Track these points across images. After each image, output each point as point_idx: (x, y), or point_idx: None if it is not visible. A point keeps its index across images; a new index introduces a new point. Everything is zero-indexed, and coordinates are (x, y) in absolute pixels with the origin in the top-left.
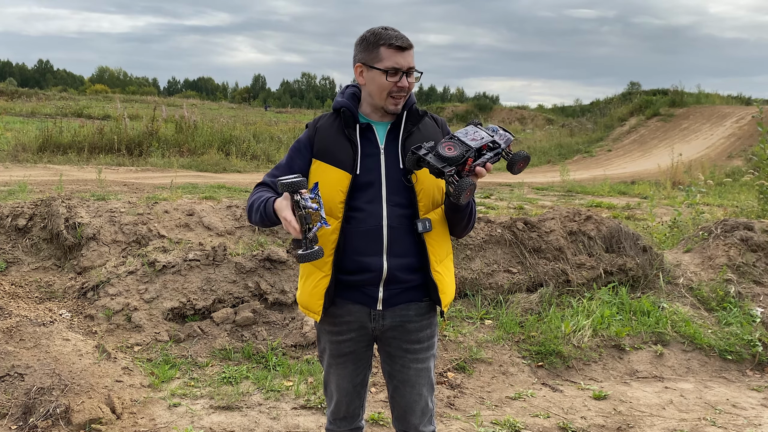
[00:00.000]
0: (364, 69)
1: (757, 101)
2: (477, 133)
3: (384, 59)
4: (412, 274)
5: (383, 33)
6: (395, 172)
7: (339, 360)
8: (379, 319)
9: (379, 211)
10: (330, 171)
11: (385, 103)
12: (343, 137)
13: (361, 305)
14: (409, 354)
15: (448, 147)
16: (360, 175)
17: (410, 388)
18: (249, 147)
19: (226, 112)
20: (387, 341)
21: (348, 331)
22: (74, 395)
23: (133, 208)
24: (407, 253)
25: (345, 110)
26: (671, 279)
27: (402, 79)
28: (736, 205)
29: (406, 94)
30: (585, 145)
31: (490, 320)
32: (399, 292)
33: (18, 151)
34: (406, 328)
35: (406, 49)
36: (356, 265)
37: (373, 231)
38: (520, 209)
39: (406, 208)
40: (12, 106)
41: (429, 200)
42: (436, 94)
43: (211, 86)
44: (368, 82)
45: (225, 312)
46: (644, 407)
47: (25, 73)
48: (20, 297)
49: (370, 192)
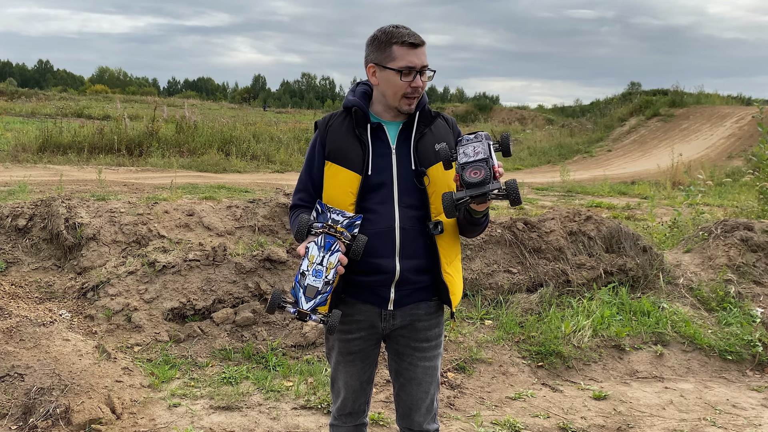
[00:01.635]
0: (377, 69)
1: (757, 101)
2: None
3: (397, 58)
4: (423, 275)
5: (395, 31)
6: (407, 173)
7: (348, 358)
8: (390, 319)
9: (392, 213)
10: (341, 173)
11: (400, 104)
12: (353, 137)
13: (371, 305)
14: (417, 352)
15: (474, 172)
16: (371, 176)
17: (417, 386)
18: (249, 147)
19: (227, 113)
20: (396, 339)
21: (358, 330)
22: (74, 395)
23: (133, 208)
24: (418, 255)
25: (356, 110)
26: (671, 279)
27: (416, 79)
28: (736, 206)
29: (420, 93)
30: (585, 145)
31: (490, 320)
32: (410, 293)
33: (18, 152)
34: (415, 326)
35: (419, 46)
36: (368, 267)
37: (385, 233)
38: (520, 209)
39: (418, 210)
40: (12, 106)
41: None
42: (436, 94)
43: (211, 86)
44: (382, 83)
45: (225, 312)
46: (644, 407)
47: (25, 73)
48: (20, 297)
49: (382, 193)
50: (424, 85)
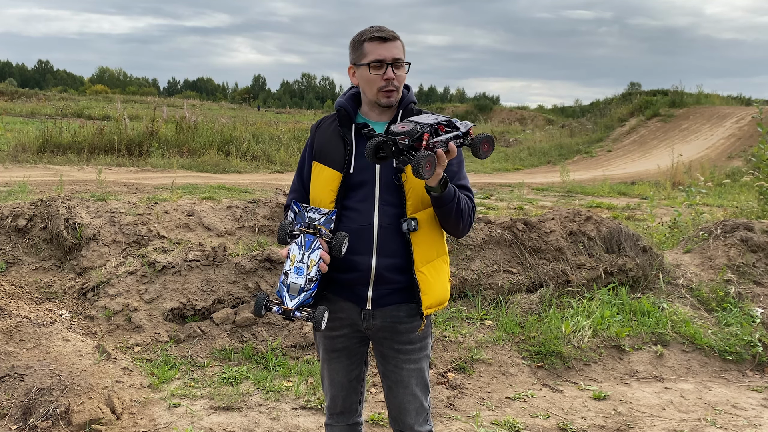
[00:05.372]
0: (355, 69)
1: (756, 102)
2: (432, 116)
3: (368, 54)
4: (401, 275)
5: (366, 30)
6: (390, 171)
7: (332, 355)
8: (370, 318)
9: (371, 211)
10: (324, 171)
11: (378, 98)
12: (338, 137)
13: (352, 304)
14: (401, 354)
15: (402, 126)
16: (353, 174)
17: (403, 389)
18: (249, 147)
19: (226, 113)
20: (380, 341)
21: (340, 327)
22: (74, 396)
23: (133, 208)
24: (396, 254)
25: (341, 110)
26: (671, 279)
27: (388, 71)
28: (735, 206)
29: (397, 87)
30: (585, 145)
31: (490, 321)
32: (388, 293)
33: (18, 152)
34: (397, 329)
35: (389, 40)
36: (346, 265)
37: (363, 230)
38: (520, 210)
39: (397, 208)
40: (12, 106)
41: (418, 199)
42: (436, 94)
43: (211, 87)
44: (360, 81)
45: (225, 312)
46: (644, 408)
47: (25, 73)
48: (20, 297)
49: (363, 191)
50: (399, 77)
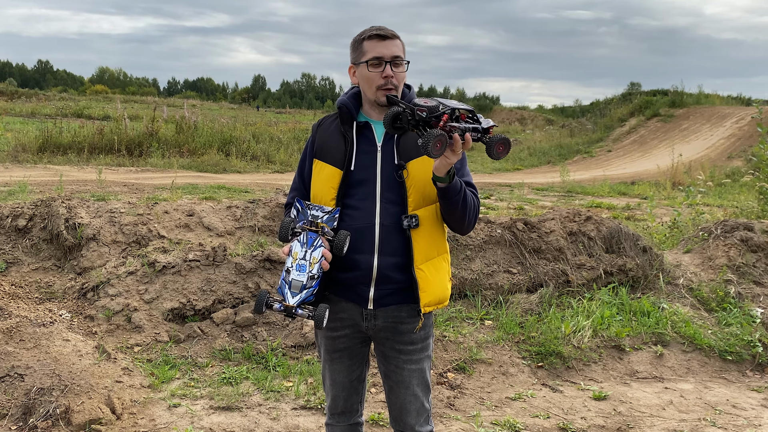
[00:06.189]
0: (355, 68)
1: (756, 102)
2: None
3: (367, 52)
4: (402, 274)
5: (365, 30)
6: (391, 170)
7: (334, 355)
8: (371, 318)
9: (372, 209)
10: (325, 169)
11: (377, 97)
12: (339, 135)
13: (353, 304)
14: (402, 355)
15: (425, 101)
16: (354, 172)
17: (404, 389)
18: (249, 147)
19: (226, 113)
20: (381, 341)
21: (342, 328)
22: (74, 396)
23: (133, 208)
24: (398, 252)
25: (343, 107)
26: (671, 279)
27: (386, 69)
28: (735, 206)
29: (396, 85)
30: (585, 145)
31: (490, 321)
32: (390, 293)
33: (18, 152)
34: (398, 329)
35: (388, 38)
36: (348, 264)
37: (365, 229)
38: (520, 210)
39: (398, 206)
40: (12, 106)
41: (419, 196)
42: (436, 94)
43: (211, 87)
44: (360, 80)
45: (225, 312)
46: (644, 408)
47: (25, 73)
48: (20, 297)
49: (365, 189)
50: (398, 76)
